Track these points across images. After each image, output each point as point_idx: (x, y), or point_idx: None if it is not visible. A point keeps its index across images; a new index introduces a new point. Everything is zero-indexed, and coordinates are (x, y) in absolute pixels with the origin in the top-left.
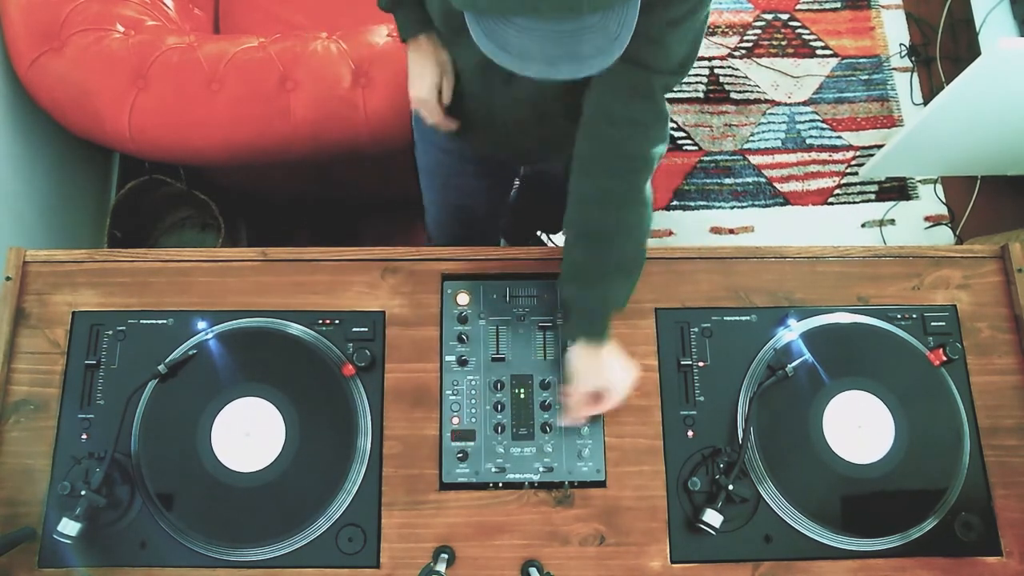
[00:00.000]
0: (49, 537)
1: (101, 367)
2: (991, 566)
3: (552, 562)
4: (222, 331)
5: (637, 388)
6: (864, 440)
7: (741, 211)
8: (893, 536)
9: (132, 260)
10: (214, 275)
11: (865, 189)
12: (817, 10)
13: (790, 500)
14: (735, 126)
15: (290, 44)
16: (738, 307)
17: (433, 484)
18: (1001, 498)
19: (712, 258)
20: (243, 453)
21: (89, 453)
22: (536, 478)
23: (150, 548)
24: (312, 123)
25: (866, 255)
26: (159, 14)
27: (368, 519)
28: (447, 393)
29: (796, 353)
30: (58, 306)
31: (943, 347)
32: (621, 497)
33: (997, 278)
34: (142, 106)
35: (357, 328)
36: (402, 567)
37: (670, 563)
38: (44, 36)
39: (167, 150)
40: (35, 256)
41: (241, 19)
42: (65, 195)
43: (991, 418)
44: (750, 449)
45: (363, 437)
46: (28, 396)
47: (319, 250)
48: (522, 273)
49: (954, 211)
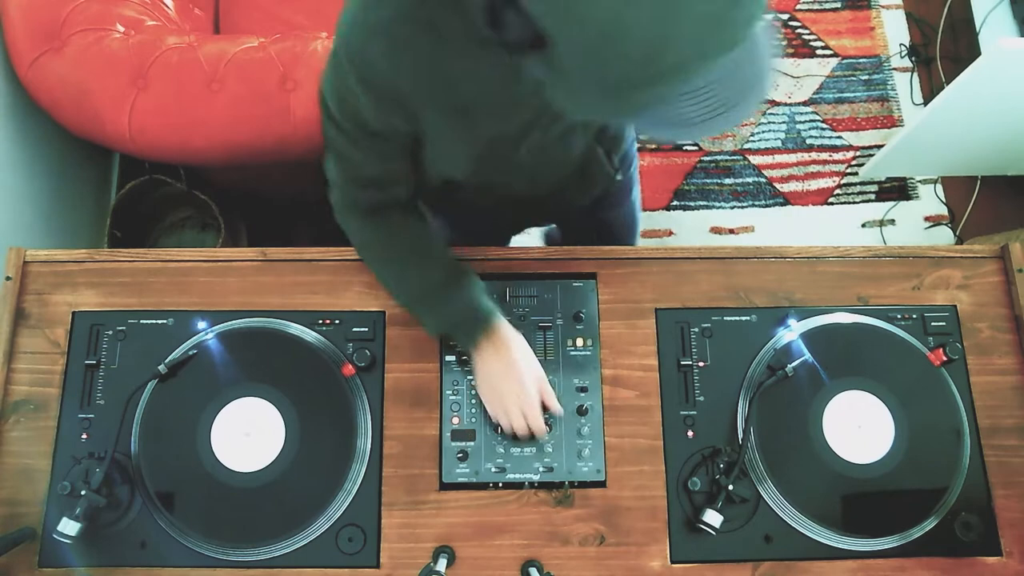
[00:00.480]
0: (49, 537)
1: (101, 367)
2: (991, 566)
3: (552, 562)
4: (222, 331)
5: (637, 388)
6: (864, 440)
7: (741, 211)
8: (893, 536)
9: (132, 260)
10: (214, 275)
11: (865, 189)
12: (817, 10)
13: (790, 500)
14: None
15: (290, 44)
16: (738, 307)
17: (433, 484)
18: (1001, 498)
19: (712, 258)
20: (243, 453)
21: (89, 453)
22: (536, 478)
23: (150, 548)
24: (312, 123)
25: (866, 255)
26: (159, 14)
27: (368, 519)
28: (447, 393)
29: (796, 353)
30: (58, 306)
31: (943, 347)
32: (621, 497)
33: (997, 278)
34: (142, 106)
35: (357, 328)
36: (402, 567)
37: (670, 563)
38: (44, 36)
39: (167, 150)
40: (35, 256)
41: (241, 19)
42: (65, 195)
43: (991, 418)
44: (750, 449)
45: (363, 437)
46: (28, 396)
47: (319, 250)
48: (522, 273)
49: (954, 211)
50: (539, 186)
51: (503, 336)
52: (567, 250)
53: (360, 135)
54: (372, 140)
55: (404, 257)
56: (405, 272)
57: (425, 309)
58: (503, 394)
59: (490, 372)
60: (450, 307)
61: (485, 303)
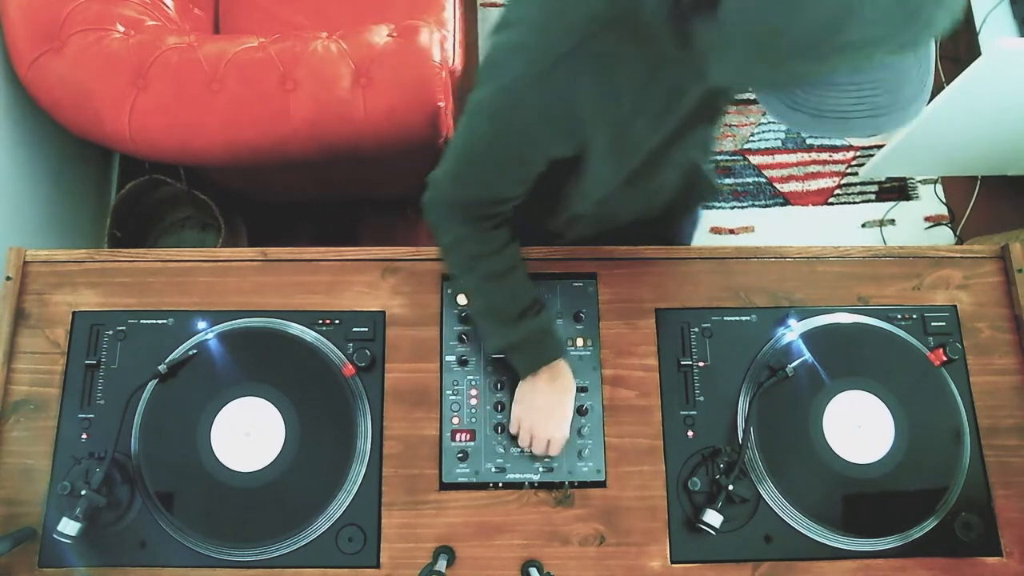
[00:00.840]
0: (49, 537)
1: (101, 367)
2: (991, 566)
3: (552, 562)
4: (222, 331)
5: (637, 388)
6: (864, 440)
7: (741, 211)
8: (893, 536)
9: (132, 260)
10: (214, 275)
11: (865, 189)
12: None
13: (790, 500)
14: (735, 126)
15: (290, 44)
16: (738, 307)
17: (433, 484)
18: (1001, 498)
19: (712, 258)
20: (243, 453)
21: (89, 453)
22: (536, 478)
23: (150, 548)
24: (312, 123)
25: (866, 255)
26: (159, 14)
27: (368, 519)
28: (447, 393)
29: (796, 353)
30: (58, 306)
31: (943, 347)
32: (621, 497)
33: (997, 278)
34: (142, 106)
35: (357, 328)
36: (402, 567)
37: (670, 563)
38: (44, 36)
39: (167, 150)
40: (35, 256)
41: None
42: (65, 195)
43: (991, 418)
44: (750, 449)
45: (363, 437)
46: (28, 396)
47: (319, 250)
48: None
49: (954, 211)
50: (654, 206)
51: (562, 373)
52: (567, 250)
53: (511, 160)
54: (520, 166)
55: (498, 272)
56: (493, 286)
57: (498, 327)
58: (535, 423)
59: (535, 397)
60: (525, 334)
61: (557, 337)
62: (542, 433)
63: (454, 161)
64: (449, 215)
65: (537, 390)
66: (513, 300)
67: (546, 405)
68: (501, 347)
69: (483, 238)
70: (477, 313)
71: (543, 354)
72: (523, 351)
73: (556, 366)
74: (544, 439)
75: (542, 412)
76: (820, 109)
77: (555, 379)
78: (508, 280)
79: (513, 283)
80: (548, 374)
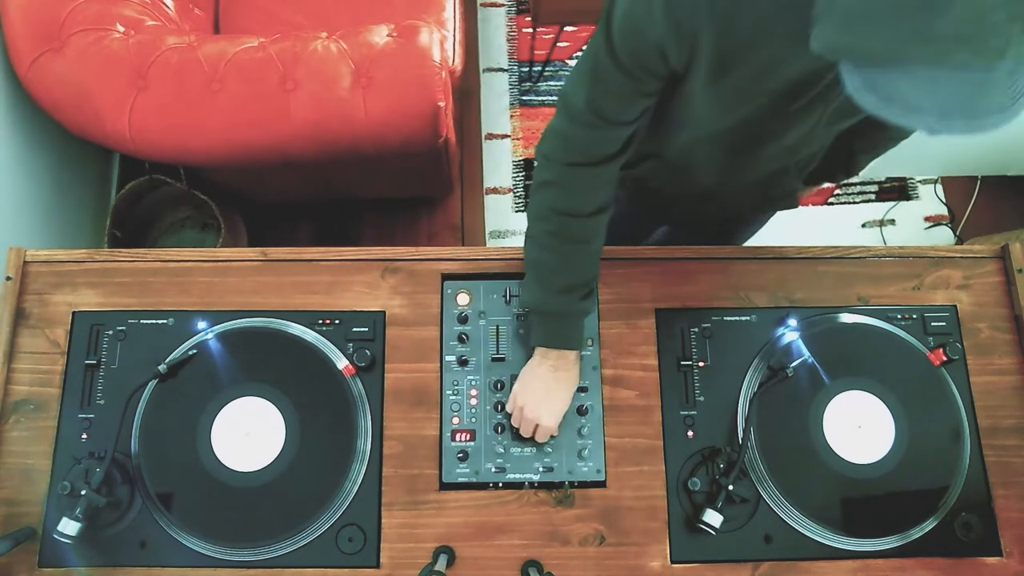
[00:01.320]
0: (49, 537)
1: (101, 367)
2: (991, 566)
3: (552, 562)
4: (222, 331)
5: (637, 388)
6: (864, 440)
7: None
8: (893, 536)
9: (132, 260)
10: (214, 275)
11: (865, 189)
12: None
13: (790, 500)
14: None
15: (290, 44)
16: (738, 307)
17: (433, 484)
18: (1001, 498)
19: (712, 258)
20: (243, 453)
21: (89, 453)
22: (536, 478)
23: (150, 548)
24: (312, 123)
25: (866, 255)
26: (159, 14)
27: (368, 519)
28: (447, 393)
29: (796, 353)
30: (58, 306)
31: (943, 347)
32: (621, 497)
33: (997, 278)
34: (142, 106)
35: (357, 328)
36: (402, 567)
37: (670, 563)
38: (44, 36)
39: (167, 150)
40: (35, 256)
41: (241, 19)
42: (65, 195)
43: (991, 418)
44: (750, 449)
45: (363, 437)
46: (28, 396)
47: (319, 250)
48: (522, 273)
49: (954, 211)
50: (733, 186)
51: (568, 366)
52: None
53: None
54: (642, 75)
55: (573, 237)
56: (559, 247)
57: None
58: (527, 403)
59: (534, 380)
60: (559, 307)
61: (583, 330)
62: (531, 414)
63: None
64: (563, 147)
65: (537, 375)
66: (568, 270)
67: (542, 390)
68: (530, 305)
69: (577, 188)
70: (529, 261)
71: (562, 336)
72: (547, 322)
73: (566, 356)
74: (532, 421)
75: (536, 396)
76: (891, 95)
77: (559, 369)
78: (577, 250)
79: (579, 255)
80: (554, 361)
